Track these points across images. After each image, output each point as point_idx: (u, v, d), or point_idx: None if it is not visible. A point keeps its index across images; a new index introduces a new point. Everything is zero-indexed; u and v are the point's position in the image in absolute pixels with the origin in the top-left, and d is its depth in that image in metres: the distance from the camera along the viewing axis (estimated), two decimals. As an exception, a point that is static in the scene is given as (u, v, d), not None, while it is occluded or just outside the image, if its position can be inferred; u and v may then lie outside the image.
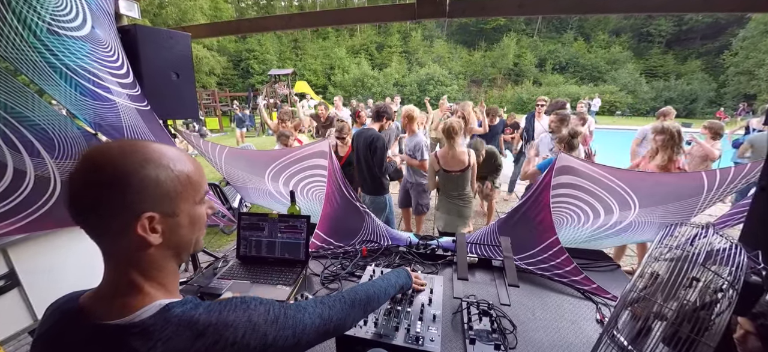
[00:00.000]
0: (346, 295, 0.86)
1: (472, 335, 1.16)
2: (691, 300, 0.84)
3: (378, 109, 3.36)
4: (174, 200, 0.60)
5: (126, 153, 0.56)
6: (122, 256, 0.58)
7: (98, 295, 0.60)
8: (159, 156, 0.58)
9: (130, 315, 0.55)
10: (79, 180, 0.54)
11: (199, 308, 0.59)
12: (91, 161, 0.55)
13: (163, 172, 0.58)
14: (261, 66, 32.88)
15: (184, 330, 0.55)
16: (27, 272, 2.28)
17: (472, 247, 1.77)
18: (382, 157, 3.15)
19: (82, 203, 0.55)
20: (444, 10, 2.18)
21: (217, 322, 0.57)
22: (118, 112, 1.68)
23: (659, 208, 1.94)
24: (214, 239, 4.42)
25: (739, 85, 25.03)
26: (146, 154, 0.57)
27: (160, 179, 0.57)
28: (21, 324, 2.27)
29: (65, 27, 1.48)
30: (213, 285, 1.54)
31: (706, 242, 0.82)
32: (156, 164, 0.57)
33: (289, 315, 0.66)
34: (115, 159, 0.55)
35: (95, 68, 1.59)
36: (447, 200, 3.09)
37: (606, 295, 1.51)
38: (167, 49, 2.06)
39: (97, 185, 0.54)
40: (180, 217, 0.61)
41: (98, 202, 0.54)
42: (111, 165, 0.54)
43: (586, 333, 1.27)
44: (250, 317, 0.60)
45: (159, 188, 0.57)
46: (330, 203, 2.01)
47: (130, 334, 0.54)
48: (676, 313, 0.84)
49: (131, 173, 0.55)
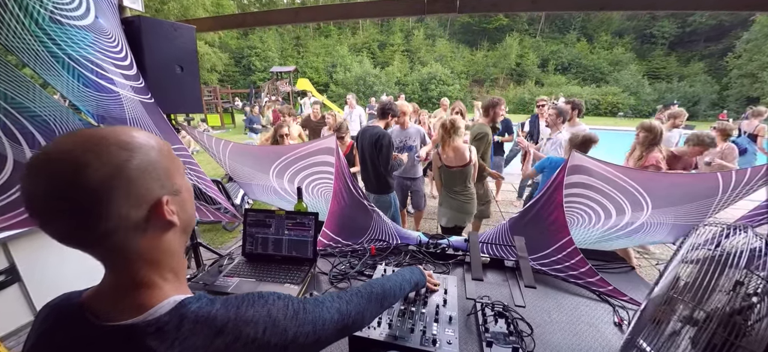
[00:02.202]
0: (362, 289, 0.82)
1: (489, 337, 1.12)
2: (722, 304, 0.80)
3: (383, 107, 3.26)
4: (172, 176, 0.57)
5: (89, 158, 0.47)
6: (133, 252, 0.53)
7: (102, 294, 0.56)
8: (134, 139, 0.52)
9: (144, 314, 0.51)
10: (60, 194, 0.46)
11: (215, 303, 0.55)
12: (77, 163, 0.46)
13: (152, 154, 0.53)
14: (263, 63, 32.88)
15: (201, 327, 0.52)
16: (28, 267, 2.25)
17: (484, 246, 1.72)
18: (388, 155, 3.09)
19: (91, 212, 0.47)
20: (454, 5, 2.13)
21: (237, 318, 0.54)
22: (122, 104, 1.63)
23: (673, 209, 1.90)
24: (216, 236, 4.38)
25: (743, 88, 24.99)
26: (123, 142, 0.51)
27: (152, 161, 0.53)
28: (21, 320, 2.24)
29: (68, 16, 1.44)
30: (218, 283, 1.50)
31: (746, 242, 0.78)
32: (138, 148, 0.52)
33: (309, 310, 0.63)
34: (87, 164, 0.46)
35: (98, 59, 1.55)
36: (449, 197, 3.07)
37: (623, 297, 1.47)
38: (171, 41, 2.01)
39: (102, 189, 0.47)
40: (182, 192, 0.59)
41: (110, 205, 0.48)
42: (90, 170, 0.47)
43: (605, 336, 1.23)
44: (270, 312, 0.57)
45: (151, 173, 0.52)
46: (337, 200, 1.97)
47: (145, 333, 0.50)
48: (708, 317, 0.79)
49: (123, 165, 0.49)
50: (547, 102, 5.27)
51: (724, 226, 0.88)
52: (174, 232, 0.57)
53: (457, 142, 2.89)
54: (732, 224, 0.88)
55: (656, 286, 0.99)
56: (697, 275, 0.85)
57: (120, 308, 0.52)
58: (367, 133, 3.19)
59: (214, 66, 27.95)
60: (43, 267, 2.30)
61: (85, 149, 0.47)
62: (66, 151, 0.47)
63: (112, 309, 0.53)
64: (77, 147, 0.47)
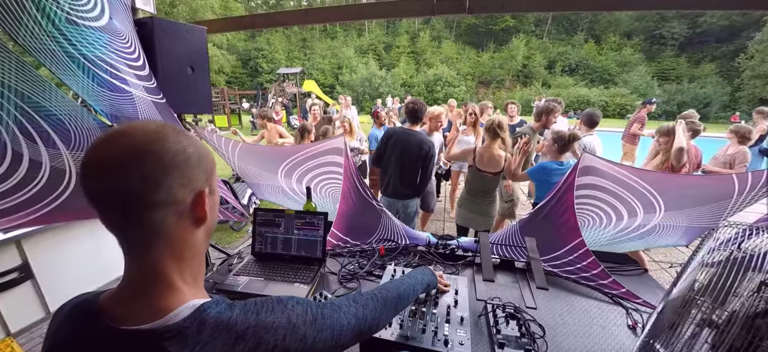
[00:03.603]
0: (377, 294, 0.81)
1: (501, 339, 1.11)
2: (745, 306, 0.78)
3: (416, 109, 2.85)
4: (210, 175, 0.59)
5: (169, 132, 0.53)
6: (165, 237, 0.53)
7: (121, 297, 0.55)
8: (182, 133, 0.56)
9: (163, 318, 0.51)
10: (136, 159, 0.49)
11: (234, 309, 0.55)
12: (147, 135, 0.51)
13: (202, 149, 0.57)
14: (269, 64, 33.14)
15: (221, 333, 0.51)
16: (40, 265, 2.28)
17: (495, 247, 1.71)
18: (432, 162, 2.87)
19: (143, 183, 0.49)
20: (464, 5, 2.12)
21: (257, 324, 0.54)
22: (135, 104, 1.65)
23: (686, 211, 1.87)
24: (224, 235, 4.41)
25: (755, 90, 24.54)
26: (184, 133, 0.55)
27: (201, 155, 0.56)
28: (34, 317, 2.27)
29: (83, 17, 1.46)
30: (228, 282, 1.51)
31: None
32: (194, 141, 0.56)
33: (327, 315, 0.62)
34: (166, 137, 0.52)
35: (112, 59, 1.57)
36: (471, 199, 2.98)
37: (636, 300, 1.44)
38: (183, 42, 2.03)
39: (166, 163, 0.51)
40: (216, 194, 0.62)
41: (161, 180, 0.51)
42: (169, 143, 0.52)
43: (618, 339, 1.21)
44: (290, 318, 0.57)
45: (202, 164, 0.56)
46: (346, 200, 1.97)
47: (164, 338, 0.49)
48: (730, 319, 0.78)
49: (185, 149, 0.53)
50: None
51: (745, 227, 0.86)
52: (202, 229, 0.59)
53: (495, 147, 2.80)
54: (753, 225, 0.86)
55: (674, 287, 0.97)
56: (718, 276, 0.83)
57: (139, 311, 0.52)
58: (407, 137, 2.82)
59: (222, 67, 28.25)
60: (56, 265, 2.33)
61: (162, 128, 0.53)
62: (147, 127, 0.52)
63: (131, 313, 0.52)
64: (154, 127, 0.52)
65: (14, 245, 2.19)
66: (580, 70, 33.33)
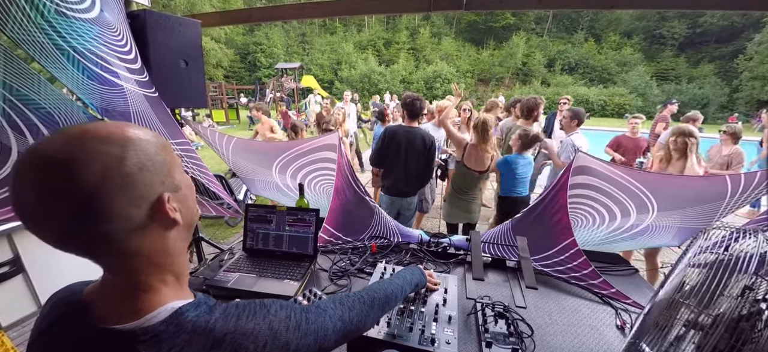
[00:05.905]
0: (364, 295, 0.81)
1: (488, 337, 1.11)
2: (729, 309, 0.78)
3: (414, 105, 2.79)
4: (171, 172, 0.54)
5: (103, 140, 0.46)
6: (133, 254, 0.51)
7: (102, 292, 0.54)
8: (129, 135, 0.49)
9: (139, 319, 0.50)
10: (61, 192, 0.43)
11: (214, 312, 0.53)
12: (69, 162, 0.43)
13: (149, 149, 0.50)
14: (268, 59, 32.94)
15: (198, 338, 0.50)
16: (32, 259, 2.27)
17: (486, 246, 1.71)
18: (433, 158, 2.91)
19: (86, 213, 0.44)
20: (461, 1, 2.11)
21: (235, 330, 0.52)
22: (126, 98, 1.64)
23: (679, 212, 1.87)
24: (218, 230, 4.40)
25: (753, 91, 24.58)
26: (117, 137, 0.47)
27: (150, 156, 0.50)
28: (25, 311, 2.26)
29: (73, 9, 1.44)
30: (219, 278, 1.50)
31: (756, 246, 0.75)
32: (134, 143, 0.49)
33: (311, 320, 0.61)
34: (97, 154, 0.44)
35: (103, 52, 1.55)
36: (455, 196, 3.05)
37: (626, 300, 1.45)
38: (176, 35, 2.01)
39: (97, 188, 0.44)
40: (182, 188, 0.56)
41: (107, 205, 0.45)
42: (97, 161, 0.44)
43: (606, 339, 1.22)
44: (271, 324, 0.55)
45: (155, 165, 0.50)
46: (339, 196, 1.96)
47: (139, 341, 0.48)
48: (715, 322, 0.78)
49: (119, 161, 0.46)
50: (569, 103, 5.32)
51: (733, 229, 0.86)
52: (177, 230, 0.55)
53: (484, 147, 2.81)
54: (741, 227, 0.86)
55: (661, 289, 0.97)
56: (704, 278, 0.83)
57: (118, 310, 0.51)
58: (412, 134, 2.77)
59: (220, 62, 28.08)
60: (47, 258, 2.32)
61: (76, 146, 0.44)
62: (57, 149, 0.43)
63: (110, 310, 0.51)
64: (68, 144, 0.44)
65: (5, 238, 2.18)
66: (580, 69, 33.28)
